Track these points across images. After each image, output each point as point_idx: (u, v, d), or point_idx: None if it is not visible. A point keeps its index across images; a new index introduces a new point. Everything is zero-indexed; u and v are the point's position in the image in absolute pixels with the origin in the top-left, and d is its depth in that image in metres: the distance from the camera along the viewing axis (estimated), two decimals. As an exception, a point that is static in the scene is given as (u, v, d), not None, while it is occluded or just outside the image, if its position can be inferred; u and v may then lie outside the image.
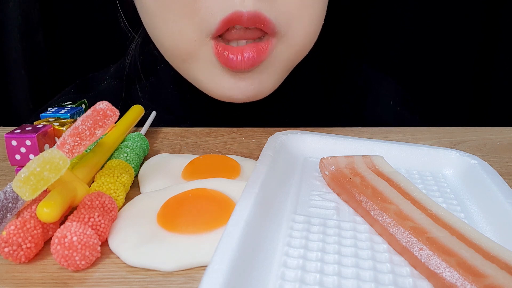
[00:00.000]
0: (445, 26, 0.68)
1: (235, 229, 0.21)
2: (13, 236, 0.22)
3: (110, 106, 0.27)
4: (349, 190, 0.27)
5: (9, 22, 0.64)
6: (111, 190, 0.27)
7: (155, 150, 0.38)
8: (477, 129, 0.44)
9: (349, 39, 0.66)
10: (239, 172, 0.32)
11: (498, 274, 0.20)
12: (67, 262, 0.21)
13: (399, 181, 0.28)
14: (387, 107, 0.54)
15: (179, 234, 0.24)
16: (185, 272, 0.22)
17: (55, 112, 0.35)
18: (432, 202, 0.26)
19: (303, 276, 0.21)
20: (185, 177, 0.31)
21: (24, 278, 0.22)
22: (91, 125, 0.26)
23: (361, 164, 0.30)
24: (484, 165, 0.31)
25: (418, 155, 0.33)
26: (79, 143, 0.25)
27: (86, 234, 0.22)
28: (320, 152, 0.33)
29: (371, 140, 0.34)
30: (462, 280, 0.19)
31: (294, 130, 0.35)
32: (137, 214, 0.26)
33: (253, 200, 0.23)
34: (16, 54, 0.65)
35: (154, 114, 0.43)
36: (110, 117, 0.27)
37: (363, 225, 0.25)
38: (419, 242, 0.22)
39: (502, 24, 0.68)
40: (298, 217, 0.25)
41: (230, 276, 0.18)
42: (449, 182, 0.31)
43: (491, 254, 0.21)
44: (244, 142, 0.40)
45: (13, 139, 0.29)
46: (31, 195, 0.22)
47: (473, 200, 0.29)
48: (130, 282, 0.22)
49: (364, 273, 0.21)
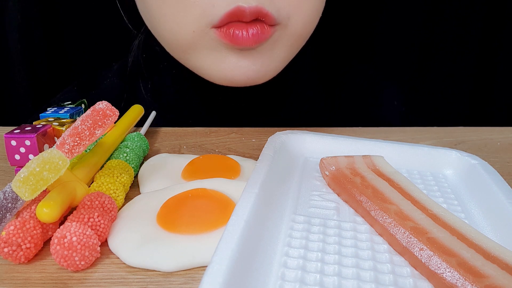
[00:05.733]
0: (446, 26, 0.68)
1: (235, 229, 0.21)
2: (13, 236, 0.22)
3: (110, 106, 0.27)
4: (350, 190, 0.27)
5: (9, 22, 0.64)
6: (111, 190, 0.27)
7: (155, 150, 0.38)
8: (478, 129, 0.44)
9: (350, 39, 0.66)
10: (239, 172, 0.32)
11: (499, 275, 0.20)
12: (67, 263, 0.21)
13: (400, 181, 0.28)
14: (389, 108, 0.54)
15: (179, 234, 0.24)
16: (185, 272, 0.22)
17: (54, 112, 0.35)
18: (432, 202, 0.26)
19: (303, 277, 0.21)
20: (185, 177, 0.31)
21: (23, 278, 0.22)
22: (90, 125, 0.26)
23: (361, 164, 0.30)
24: (485, 165, 0.31)
25: (419, 155, 0.33)
26: (79, 143, 0.25)
27: (86, 234, 0.22)
28: (320, 152, 0.33)
29: (371, 140, 0.34)
30: (463, 281, 0.19)
31: (294, 130, 0.35)
32: (136, 214, 0.26)
33: (253, 200, 0.23)
34: (16, 54, 0.65)
35: (154, 114, 0.43)
36: (109, 117, 0.27)
37: (363, 225, 0.25)
38: (420, 242, 0.22)
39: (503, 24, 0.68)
40: (298, 217, 0.25)
41: (230, 276, 0.18)
42: (449, 182, 0.31)
43: (491, 255, 0.21)
44: (244, 142, 0.40)
45: (13, 139, 0.29)
46: (31, 195, 0.22)
47: (473, 200, 0.29)
48: (129, 282, 0.22)
49: (364, 274, 0.21)
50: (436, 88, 0.71)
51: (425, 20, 0.68)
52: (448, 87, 0.71)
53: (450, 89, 0.71)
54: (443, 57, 0.70)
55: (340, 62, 0.56)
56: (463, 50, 0.69)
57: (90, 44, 0.67)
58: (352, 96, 0.54)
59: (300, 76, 0.50)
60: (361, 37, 0.68)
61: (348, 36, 0.66)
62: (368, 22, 0.67)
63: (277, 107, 0.49)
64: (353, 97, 0.54)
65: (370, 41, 0.68)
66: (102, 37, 0.65)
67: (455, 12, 0.67)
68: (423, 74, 0.71)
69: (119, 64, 0.53)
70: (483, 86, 0.71)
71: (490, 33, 0.68)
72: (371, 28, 0.68)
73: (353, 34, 0.67)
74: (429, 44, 0.69)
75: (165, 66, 0.49)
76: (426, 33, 0.68)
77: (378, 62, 0.69)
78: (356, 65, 0.57)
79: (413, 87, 0.71)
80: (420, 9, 0.67)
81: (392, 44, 0.69)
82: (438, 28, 0.68)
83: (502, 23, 0.68)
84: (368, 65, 0.57)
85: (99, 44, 0.66)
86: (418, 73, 0.71)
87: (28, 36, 0.65)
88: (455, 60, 0.70)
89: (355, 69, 0.57)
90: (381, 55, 0.69)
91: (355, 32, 0.67)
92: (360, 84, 0.55)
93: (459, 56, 0.70)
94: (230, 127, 0.44)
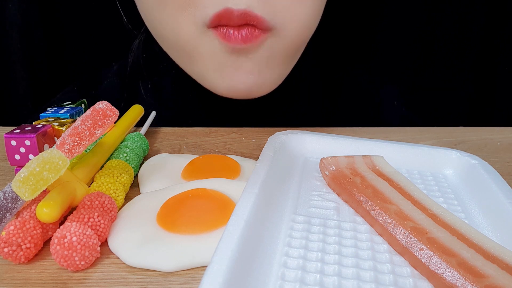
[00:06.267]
0: (446, 26, 0.68)
1: (235, 229, 0.21)
2: (13, 236, 0.22)
3: (110, 106, 0.27)
4: (350, 190, 0.27)
5: (9, 22, 0.64)
6: (111, 190, 0.27)
7: (155, 150, 0.38)
8: (478, 129, 0.44)
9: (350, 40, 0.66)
10: (239, 172, 0.32)
11: (499, 275, 0.20)
12: (67, 263, 0.21)
13: (400, 181, 0.28)
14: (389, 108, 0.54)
15: (179, 234, 0.24)
16: (185, 272, 0.22)
17: (54, 112, 0.35)
18: (432, 202, 0.26)
19: (303, 277, 0.21)
20: (185, 177, 0.31)
21: (23, 278, 0.22)
22: (90, 125, 0.26)
23: (361, 164, 0.30)
24: (485, 165, 0.31)
25: (419, 155, 0.33)
26: (79, 143, 0.25)
27: (86, 235, 0.22)
28: (320, 152, 0.33)
29: (371, 140, 0.34)
30: (463, 281, 0.19)
31: (294, 130, 0.35)
32: (136, 214, 0.26)
33: (253, 200, 0.23)
34: (15, 54, 0.65)
35: (154, 114, 0.43)
36: (109, 117, 0.27)
37: (363, 225, 0.25)
38: (420, 242, 0.22)
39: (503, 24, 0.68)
40: (298, 217, 0.25)
41: (230, 276, 0.18)
42: (449, 182, 0.31)
43: (491, 255, 0.21)
44: (244, 142, 0.40)
45: (13, 139, 0.29)
46: (31, 195, 0.22)
47: (473, 200, 0.29)
48: (129, 282, 0.22)
49: (364, 274, 0.21)
50: (436, 88, 0.71)
51: (425, 20, 0.68)
52: (448, 87, 0.71)
53: (450, 89, 0.71)
54: (443, 57, 0.70)
55: (340, 62, 0.56)
56: (463, 50, 0.69)
57: (90, 44, 0.67)
58: (352, 96, 0.54)
59: (300, 77, 0.50)
60: (361, 38, 0.68)
61: (348, 37, 0.66)
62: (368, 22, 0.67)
63: (277, 107, 0.49)
64: (353, 97, 0.54)
65: (370, 41, 0.68)
66: (102, 37, 0.65)
67: (455, 12, 0.67)
68: (423, 74, 0.71)
69: (119, 64, 0.53)
70: (483, 86, 0.71)
71: (490, 33, 0.68)
72: (371, 29, 0.68)
73: (353, 35, 0.67)
74: (429, 44, 0.69)
75: (165, 66, 0.49)
76: (426, 33, 0.68)
77: (378, 62, 0.69)
78: (356, 66, 0.57)
79: (413, 87, 0.71)
80: (420, 9, 0.67)
81: (392, 44, 0.69)
82: (438, 28, 0.68)
83: (503, 24, 0.68)
84: (368, 65, 0.57)
85: (99, 44, 0.66)
86: (418, 73, 0.71)
87: (28, 36, 0.65)
88: (455, 60, 0.70)
89: (355, 70, 0.57)
90: (381, 55, 0.69)
91: (355, 33, 0.67)
92: (360, 85, 0.55)
93: (459, 56, 0.70)
94: (230, 127, 0.44)
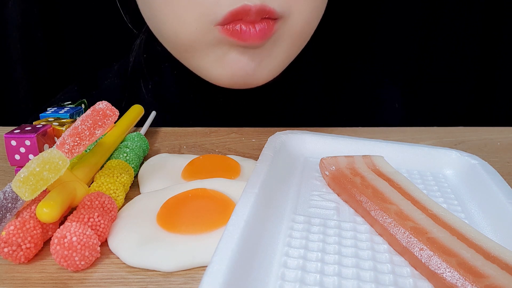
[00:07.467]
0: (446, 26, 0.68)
1: (235, 229, 0.21)
2: (13, 236, 0.22)
3: (110, 106, 0.27)
4: (350, 190, 0.27)
5: (9, 22, 0.64)
6: (111, 190, 0.27)
7: (155, 150, 0.38)
8: (478, 129, 0.44)
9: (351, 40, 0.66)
10: (239, 172, 0.32)
11: (499, 275, 0.20)
12: (67, 263, 0.21)
13: (400, 181, 0.28)
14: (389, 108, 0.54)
15: (179, 234, 0.24)
16: (185, 272, 0.22)
17: (54, 112, 0.35)
18: (432, 202, 0.26)
19: (303, 277, 0.21)
20: (185, 177, 0.31)
21: (23, 278, 0.22)
22: (90, 125, 0.26)
23: (361, 164, 0.30)
24: (485, 165, 0.31)
25: (419, 155, 0.33)
26: (79, 143, 0.25)
27: (86, 235, 0.22)
28: (320, 152, 0.33)
29: (371, 140, 0.34)
30: (463, 281, 0.19)
31: (294, 130, 0.35)
32: (136, 214, 0.26)
33: (253, 200, 0.23)
34: (16, 54, 0.65)
35: (154, 114, 0.43)
36: (109, 117, 0.27)
37: (363, 225, 0.25)
38: (420, 242, 0.22)
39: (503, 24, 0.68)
40: (298, 217, 0.25)
41: (230, 276, 0.18)
42: (449, 182, 0.31)
43: (491, 255, 0.21)
44: (244, 142, 0.40)
45: (13, 139, 0.29)
46: (31, 195, 0.22)
47: (473, 200, 0.29)
48: (129, 282, 0.22)
49: (364, 274, 0.21)
50: (436, 88, 0.71)
51: (425, 20, 0.68)
52: (448, 87, 0.71)
53: (450, 89, 0.71)
54: (443, 57, 0.70)
55: (340, 62, 0.56)
56: (463, 50, 0.69)
57: (90, 44, 0.67)
58: (352, 96, 0.54)
59: (301, 77, 0.50)
60: (361, 38, 0.68)
61: (348, 37, 0.66)
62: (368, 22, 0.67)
63: (277, 107, 0.49)
64: (353, 97, 0.54)
65: (370, 41, 0.68)
66: (102, 37, 0.65)
67: (455, 12, 0.67)
68: (423, 74, 0.71)
69: (119, 64, 0.53)
70: (483, 86, 0.71)
71: (490, 33, 0.68)
72: (371, 29, 0.68)
73: (354, 35, 0.67)
74: (429, 44, 0.69)
75: (166, 66, 0.49)
76: (426, 33, 0.68)
77: (378, 62, 0.69)
78: (356, 66, 0.57)
79: (413, 87, 0.71)
80: (420, 9, 0.67)
81: (392, 44, 0.69)
82: (438, 28, 0.68)
83: (502, 24, 0.68)
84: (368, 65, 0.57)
85: (99, 44, 0.66)
86: (418, 73, 0.71)
87: (28, 36, 0.65)
88: (455, 60, 0.70)
89: (355, 70, 0.57)
90: (381, 55, 0.69)
91: (355, 33, 0.67)
92: (360, 85, 0.55)
93: (459, 56, 0.70)
94: (230, 127, 0.44)
